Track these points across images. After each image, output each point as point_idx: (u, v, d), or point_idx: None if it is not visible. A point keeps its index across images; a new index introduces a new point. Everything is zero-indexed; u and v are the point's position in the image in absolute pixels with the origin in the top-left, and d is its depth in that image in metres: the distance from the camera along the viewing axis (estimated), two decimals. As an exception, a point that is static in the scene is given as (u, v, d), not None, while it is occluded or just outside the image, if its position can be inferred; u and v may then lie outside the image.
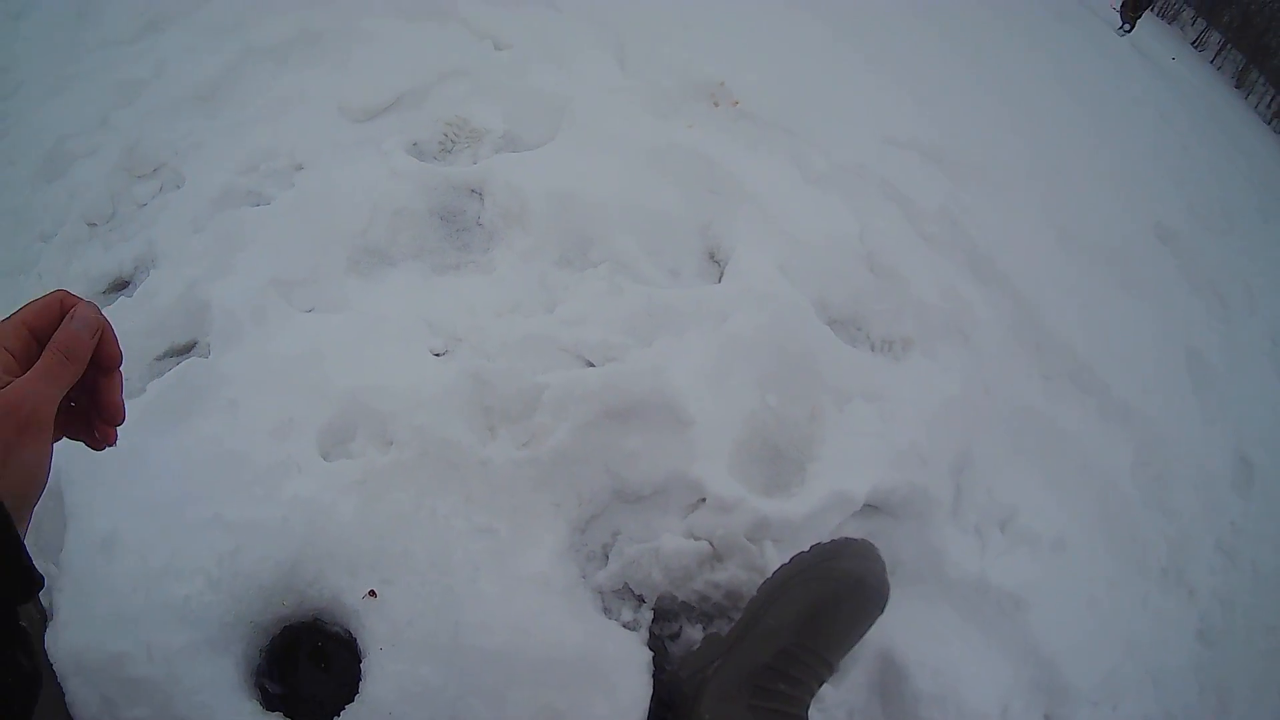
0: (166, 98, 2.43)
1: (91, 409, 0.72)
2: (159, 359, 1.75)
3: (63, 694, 1.27)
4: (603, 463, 1.52)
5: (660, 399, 1.58)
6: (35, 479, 0.61)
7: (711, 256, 2.06)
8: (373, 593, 1.35)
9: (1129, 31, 12.17)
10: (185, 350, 1.77)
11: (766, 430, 1.67)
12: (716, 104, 2.49)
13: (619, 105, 2.41)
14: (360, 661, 1.33)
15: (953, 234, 2.39)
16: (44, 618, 1.35)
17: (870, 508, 1.63)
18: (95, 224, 2.13)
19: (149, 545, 1.36)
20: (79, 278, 1.96)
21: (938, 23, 4.58)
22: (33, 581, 0.56)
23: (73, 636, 1.29)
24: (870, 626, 1.30)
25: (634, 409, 1.56)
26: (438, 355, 1.70)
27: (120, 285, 1.97)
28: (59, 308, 0.68)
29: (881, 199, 2.39)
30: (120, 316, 1.75)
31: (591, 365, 1.69)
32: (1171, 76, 10.04)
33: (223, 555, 1.35)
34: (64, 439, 0.70)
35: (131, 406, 1.51)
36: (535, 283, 1.88)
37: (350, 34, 2.69)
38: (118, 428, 0.75)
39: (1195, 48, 19.03)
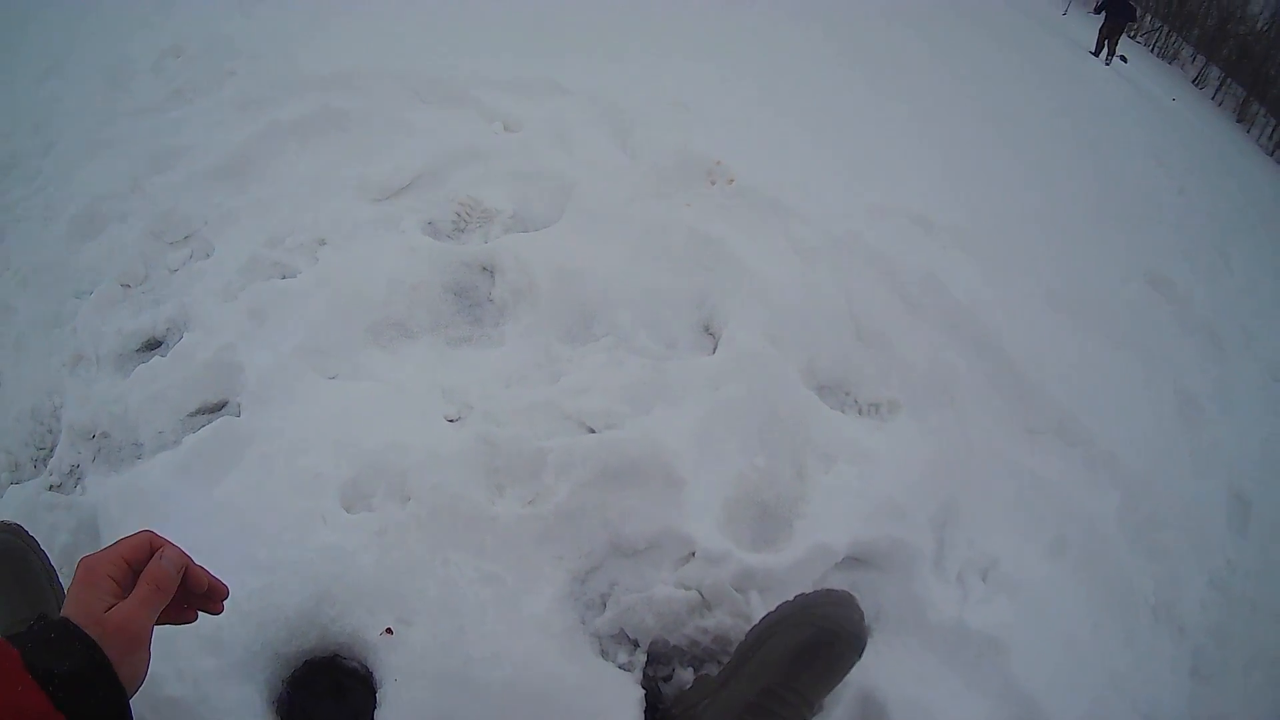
0: (196, 168, 2.63)
1: (197, 602, 0.95)
2: (191, 415, 1.92)
3: None
4: (601, 519, 1.66)
5: (654, 461, 1.72)
6: (138, 676, 0.78)
7: (706, 328, 2.20)
8: (390, 630, 1.47)
9: (1099, 57, 12.34)
10: (217, 408, 1.93)
11: (755, 489, 1.80)
12: (713, 182, 2.65)
13: (621, 186, 2.58)
14: (374, 694, 1.45)
15: (938, 299, 2.51)
16: None
17: (852, 559, 1.74)
18: (129, 285, 2.30)
19: None
20: (113, 335, 2.13)
21: (934, 78, 4.76)
22: None
23: None
24: (849, 669, 1.41)
25: (630, 470, 1.70)
26: (451, 421, 1.86)
27: (153, 345, 2.14)
28: (149, 546, 0.89)
29: (868, 267, 2.52)
30: (155, 375, 1.96)
31: (592, 431, 1.83)
32: (1171, 118, 10.13)
33: (253, 591, 1.48)
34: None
35: (168, 459, 1.76)
36: (541, 355, 2.03)
37: (369, 115, 2.90)
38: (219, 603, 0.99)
39: (1196, 85, 19.11)
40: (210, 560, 1.44)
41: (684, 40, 4.19)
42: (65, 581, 1.50)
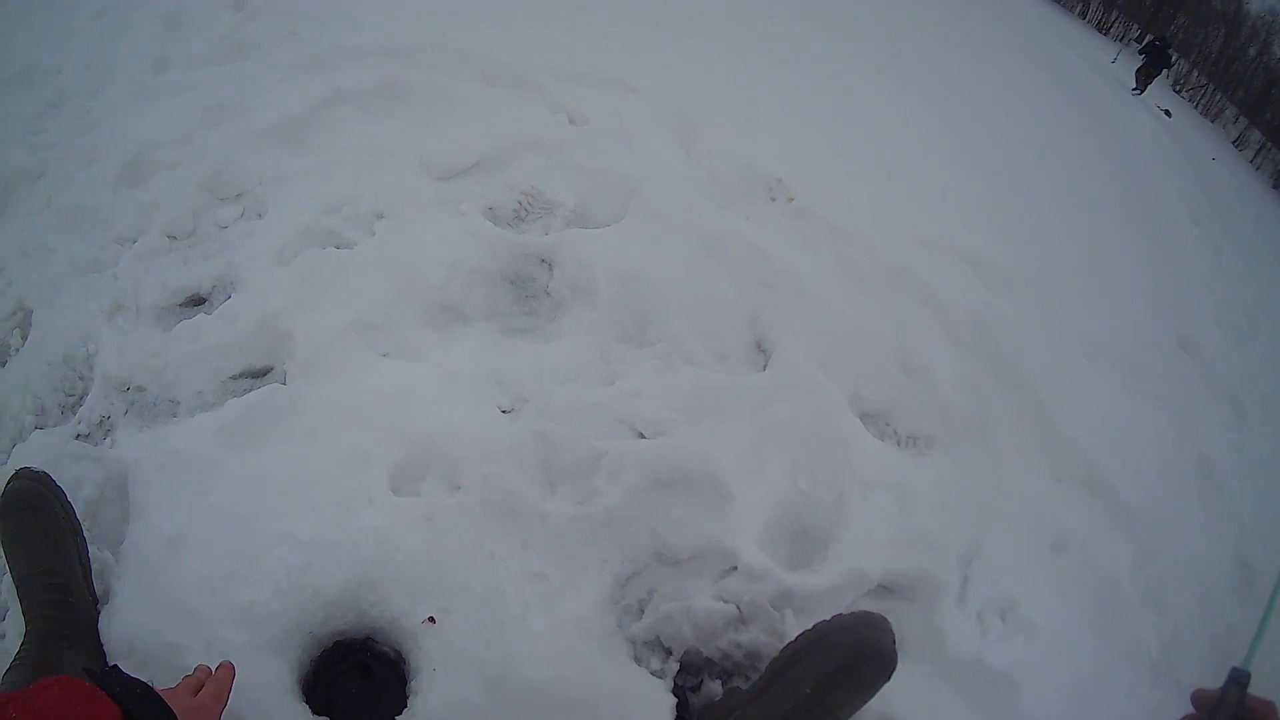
0: (252, 126, 2.61)
1: None
2: (234, 378, 1.91)
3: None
4: (648, 526, 1.70)
5: (705, 474, 1.76)
6: None
7: (759, 345, 2.25)
8: (432, 619, 1.48)
9: (1139, 94, 12.98)
10: (261, 374, 1.93)
11: (796, 511, 1.85)
12: (773, 199, 2.70)
13: (683, 193, 2.62)
14: (404, 681, 1.47)
15: (981, 339, 2.57)
16: (95, 600, 1.46)
17: (883, 588, 1.79)
18: (176, 238, 2.25)
19: (218, 549, 1.51)
20: (156, 287, 2.09)
21: (991, 117, 4.80)
22: None
23: (128, 621, 1.40)
24: (877, 691, 1.47)
25: (681, 481, 1.75)
26: (505, 412, 1.88)
27: (197, 301, 2.11)
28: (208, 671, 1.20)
29: (917, 300, 2.57)
30: (199, 333, 1.95)
31: (643, 437, 1.87)
32: (1209, 177, 10.15)
33: (292, 569, 1.49)
34: None
35: (208, 420, 1.76)
36: (597, 355, 2.06)
37: (433, 91, 2.90)
38: None
39: (1236, 146, 19.09)
40: (249, 532, 1.53)
41: (752, 53, 4.24)
42: (90, 536, 1.52)
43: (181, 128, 2.58)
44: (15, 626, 1.43)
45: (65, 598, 1.39)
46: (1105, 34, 24.05)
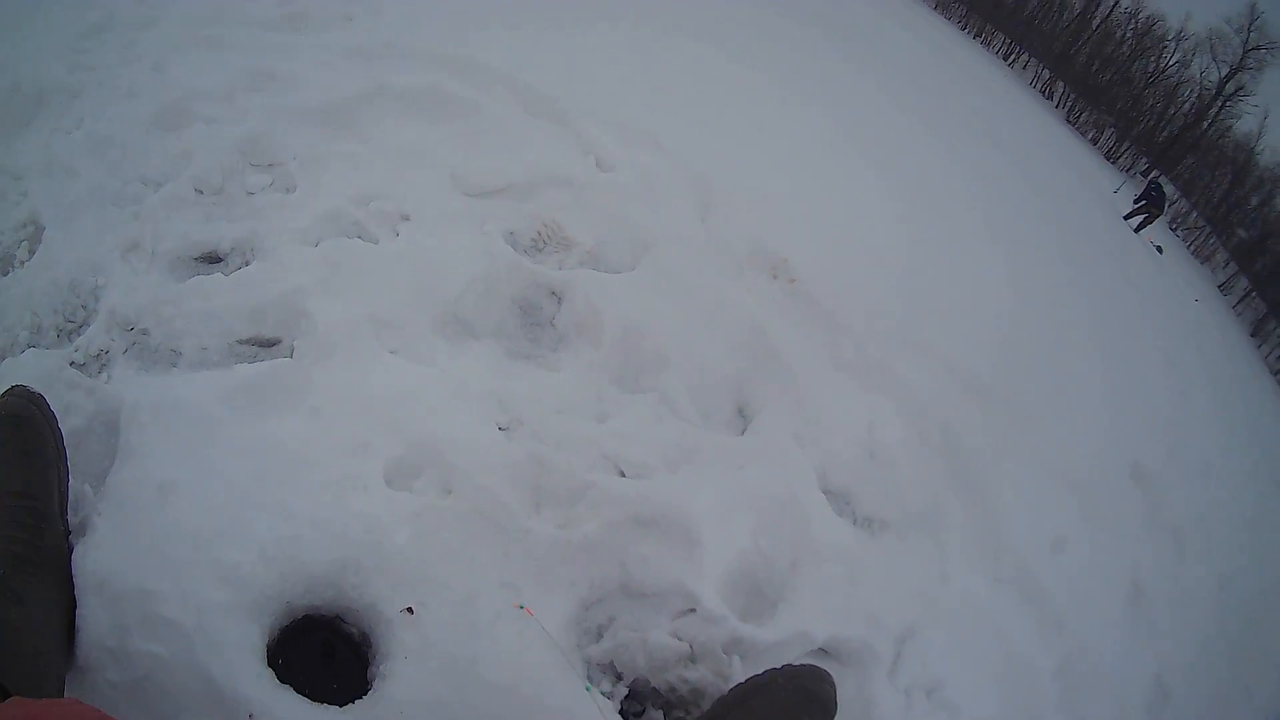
0: (295, 101, 2.67)
1: None
2: (241, 342, 1.96)
3: (74, 607, 1.36)
4: (619, 559, 1.80)
5: (679, 520, 1.89)
6: None
7: (740, 410, 2.39)
8: (411, 609, 1.54)
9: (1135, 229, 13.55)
10: (269, 344, 1.99)
11: (753, 567, 1.97)
12: (775, 277, 2.86)
13: (694, 256, 2.77)
14: (365, 664, 1.53)
15: (948, 442, 2.72)
16: (68, 531, 1.44)
17: (822, 651, 1.91)
18: (202, 192, 2.27)
19: (209, 506, 1.52)
20: (177, 236, 2.11)
21: (992, 230, 5.04)
22: None
23: (103, 559, 1.40)
24: None
25: (657, 522, 1.87)
26: (502, 429, 1.98)
27: (213, 259, 2.14)
28: None
29: (893, 397, 2.73)
30: (212, 291, 1.99)
31: (623, 475, 2.00)
32: (1190, 319, 10.47)
33: (281, 539, 1.52)
34: None
35: (213, 379, 1.78)
36: (592, 393, 2.19)
37: (475, 107, 3.01)
38: None
39: (1221, 290, 19.63)
40: (242, 495, 1.57)
41: (781, 135, 4.46)
42: (70, 467, 1.51)
43: (225, 85, 2.62)
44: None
45: (38, 523, 1.36)
46: (1113, 162, 24.67)
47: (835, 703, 1.58)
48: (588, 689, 1.49)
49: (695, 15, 6.34)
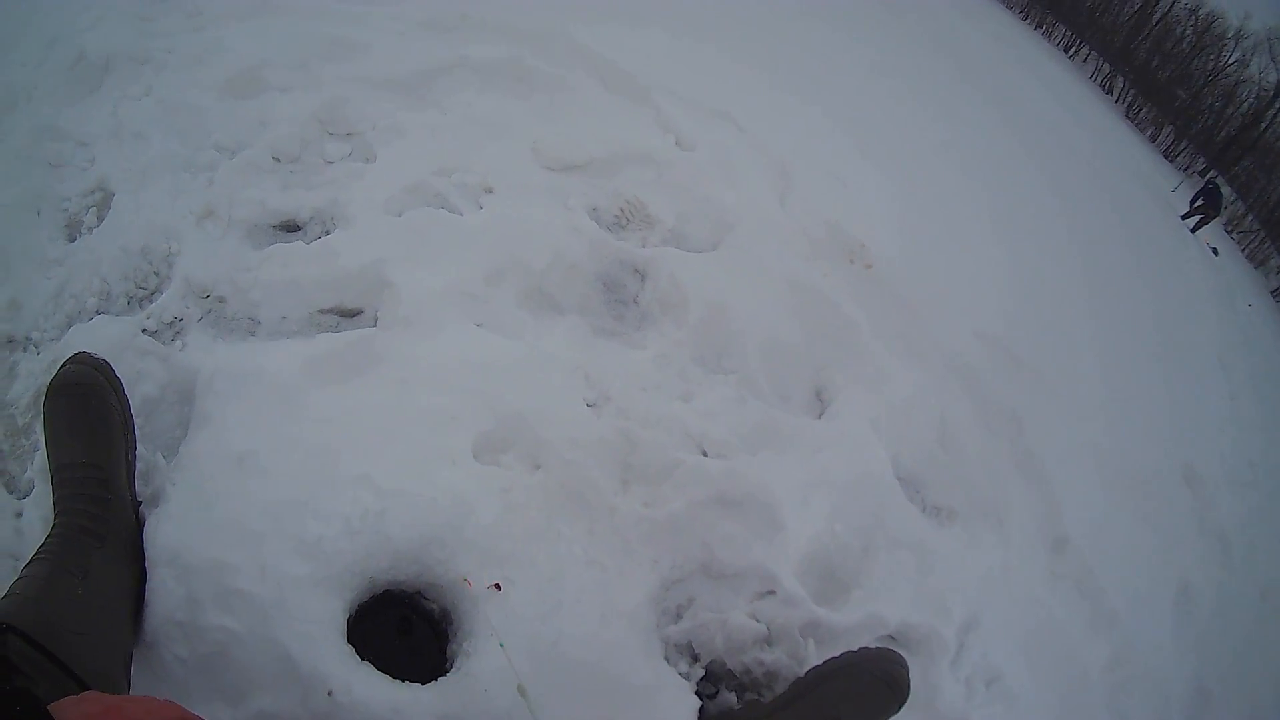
0: (372, 71, 2.63)
1: None
2: (323, 312, 1.96)
3: (143, 580, 1.36)
4: (702, 539, 1.83)
5: (764, 502, 1.93)
6: None
7: (819, 394, 2.42)
8: (498, 585, 1.53)
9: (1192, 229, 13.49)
10: (351, 314, 1.99)
11: (828, 551, 2.01)
12: (852, 262, 2.88)
13: (773, 238, 2.79)
14: (445, 641, 1.53)
15: (1015, 432, 2.76)
16: (138, 502, 1.44)
17: (891, 637, 1.95)
18: (279, 160, 2.27)
19: (291, 478, 1.52)
20: (253, 204, 2.10)
21: (1056, 228, 5.02)
22: None
23: (176, 531, 1.40)
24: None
25: (741, 503, 1.90)
26: (589, 406, 2.00)
27: (291, 228, 2.14)
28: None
29: (963, 385, 2.76)
30: (292, 259, 1.99)
31: (705, 455, 2.02)
32: (1244, 323, 10.34)
33: (368, 512, 1.51)
34: None
35: (294, 348, 1.78)
36: (676, 372, 2.20)
37: (555, 82, 3.01)
38: None
39: (1274, 296, 19.28)
40: (326, 467, 1.56)
41: (860, 124, 4.46)
42: (140, 435, 1.51)
43: (299, 54, 2.59)
44: (41, 511, 1.45)
45: (104, 493, 1.34)
46: (1171, 161, 24.20)
47: (908, 686, 1.62)
48: (501, 645, 1.45)
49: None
